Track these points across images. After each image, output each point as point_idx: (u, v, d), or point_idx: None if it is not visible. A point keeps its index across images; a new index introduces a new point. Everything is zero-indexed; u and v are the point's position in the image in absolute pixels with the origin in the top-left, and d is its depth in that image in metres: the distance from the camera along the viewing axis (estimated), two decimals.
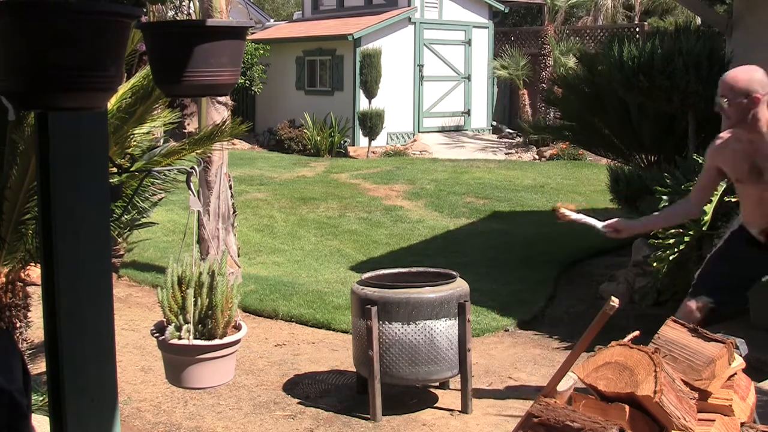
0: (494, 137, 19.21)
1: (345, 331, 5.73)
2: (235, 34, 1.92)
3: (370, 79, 16.84)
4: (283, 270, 7.92)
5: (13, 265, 3.73)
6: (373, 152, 16.65)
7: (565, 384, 2.66)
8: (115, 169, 2.23)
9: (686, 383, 2.62)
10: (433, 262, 7.24)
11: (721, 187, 4.82)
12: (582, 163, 14.86)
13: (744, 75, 3.54)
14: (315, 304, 6.47)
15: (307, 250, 8.80)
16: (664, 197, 4.94)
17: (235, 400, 4.49)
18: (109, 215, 1.82)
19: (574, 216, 3.83)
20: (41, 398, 3.20)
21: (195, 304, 2.60)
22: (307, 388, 4.71)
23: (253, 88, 18.72)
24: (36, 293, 4.14)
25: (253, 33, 19.74)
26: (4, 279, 3.75)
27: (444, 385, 4.62)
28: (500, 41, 20.20)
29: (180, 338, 2.56)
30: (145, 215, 4.53)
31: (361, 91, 17.20)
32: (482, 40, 19.61)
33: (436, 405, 4.45)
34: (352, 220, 10.30)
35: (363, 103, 17.17)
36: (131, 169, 2.43)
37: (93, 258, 1.73)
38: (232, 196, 6.93)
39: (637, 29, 17.05)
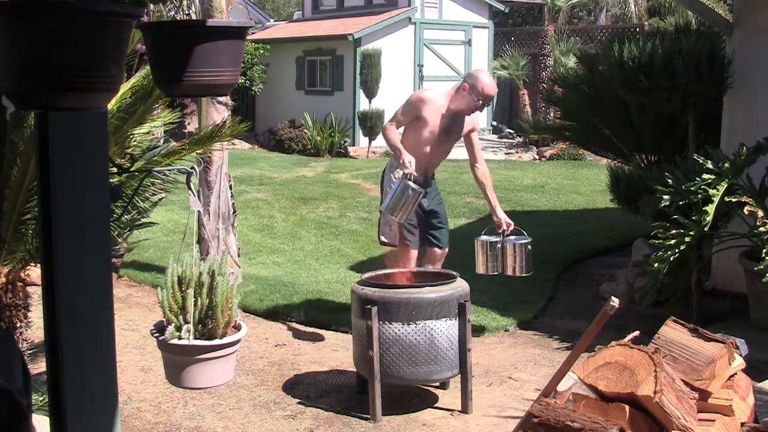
0: (494, 137, 19.21)
1: (345, 331, 5.73)
2: (235, 34, 1.92)
3: (370, 79, 16.84)
4: (283, 270, 7.92)
5: (13, 265, 3.73)
6: (374, 152, 16.64)
7: (565, 384, 2.66)
8: (115, 169, 2.24)
9: (686, 383, 2.62)
10: None
11: (722, 187, 4.81)
12: (582, 163, 14.86)
13: None
14: (315, 304, 6.47)
15: (307, 250, 8.79)
16: (665, 197, 4.94)
17: (235, 400, 4.49)
18: (109, 215, 1.81)
19: None
20: (41, 398, 3.20)
21: (195, 304, 2.60)
22: (307, 388, 4.71)
23: (253, 88, 18.72)
24: (36, 293, 4.14)
25: (253, 33, 19.74)
26: (4, 279, 3.74)
27: (444, 385, 4.62)
28: (500, 41, 20.21)
29: (180, 338, 2.57)
30: (145, 215, 4.53)
31: (361, 91, 17.20)
32: (482, 40, 19.61)
33: (436, 405, 4.45)
34: (353, 220, 10.30)
35: (363, 103, 17.17)
36: (131, 169, 2.44)
37: (93, 258, 1.73)
38: (232, 196, 6.93)
39: (638, 29, 17.06)
